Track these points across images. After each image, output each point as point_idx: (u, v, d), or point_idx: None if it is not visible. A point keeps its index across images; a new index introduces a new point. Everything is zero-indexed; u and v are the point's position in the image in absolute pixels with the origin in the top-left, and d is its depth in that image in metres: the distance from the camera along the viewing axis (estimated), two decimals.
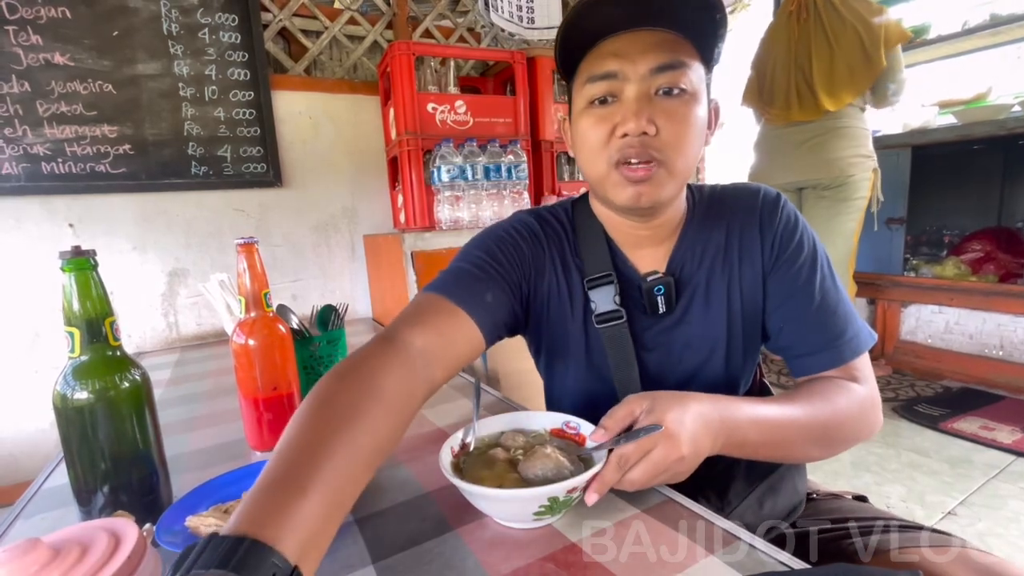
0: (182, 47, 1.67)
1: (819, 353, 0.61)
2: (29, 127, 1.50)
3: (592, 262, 0.65)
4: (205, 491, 0.56)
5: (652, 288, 0.62)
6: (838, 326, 0.60)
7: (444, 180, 1.66)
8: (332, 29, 1.96)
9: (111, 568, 0.31)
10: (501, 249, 0.64)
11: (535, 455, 0.50)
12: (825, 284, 0.62)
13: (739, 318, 0.64)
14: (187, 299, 1.77)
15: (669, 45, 0.54)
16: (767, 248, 0.63)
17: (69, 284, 0.51)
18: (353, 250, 2.05)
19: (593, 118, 0.58)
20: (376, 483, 0.61)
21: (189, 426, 0.85)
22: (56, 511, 0.60)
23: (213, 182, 1.76)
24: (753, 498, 0.64)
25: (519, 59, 1.86)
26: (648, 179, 0.56)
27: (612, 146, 0.56)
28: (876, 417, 0.60)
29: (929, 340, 2.35)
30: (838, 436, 0.58)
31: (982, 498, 1.41)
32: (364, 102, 2.01)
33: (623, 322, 0.63)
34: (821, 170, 1.98)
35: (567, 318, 0.66)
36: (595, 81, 0.56)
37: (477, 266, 0.62)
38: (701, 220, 0.66)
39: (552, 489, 0.44)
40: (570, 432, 0.58)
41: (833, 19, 1.89)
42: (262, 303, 0.71)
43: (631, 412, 0.49)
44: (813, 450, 0.58)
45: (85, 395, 0.51)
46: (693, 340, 0.64)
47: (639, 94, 0.54)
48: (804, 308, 0.61)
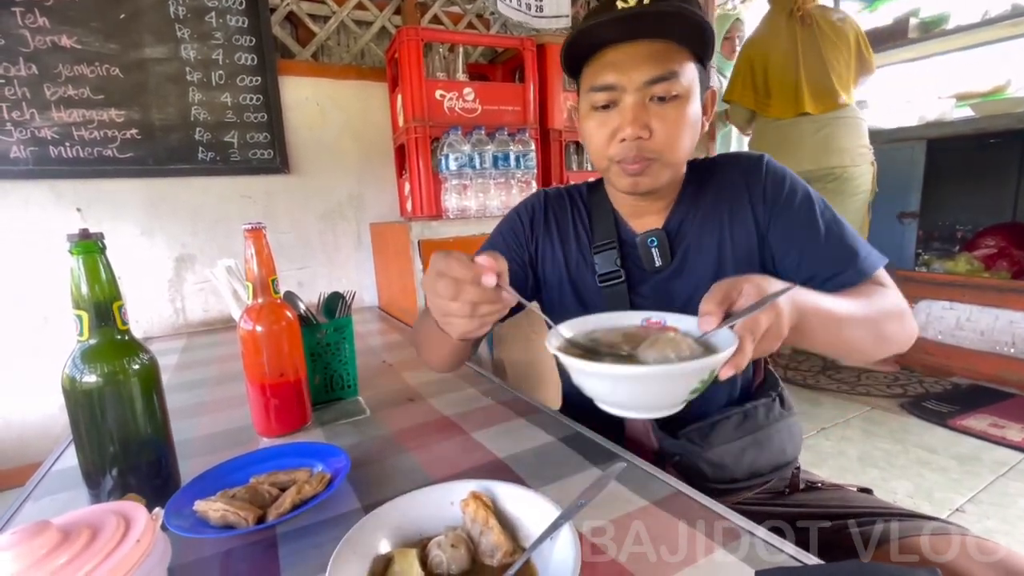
0: (189, 31, 1.66)
1: (843, 273, 0.65)
2: (37, 110, 1.50)
3: (599, 231, 0.76)
4: (213, 476, 0.56)
5: (646, 240, 0.71)
6: (851, 247, 0.66)
7: (452, 168, 1.65)
8: (340, 14, 1.94)
9: (121, 552, 0.30)
10: (507, 229, 0.81)
11: (659, 341, 0.47)
12: (827, 216, 0.68)
13: (731, 271, 0.69)
14: (194, 285, 1.78)
15: (663, 55, 0.61)
16: (758, 206, 0.69)
17: (77, 267, 0.51)
18: (359, 238, 2.05)
19: (596, 122, 0.66)
20: (383, 470, 0.61)
21: (197, 411, 0.85)
22: (65, 493, 0.60)
23: (220, 168, 1.76)
24: (737, 446, 0.68)
25: (528, 46, 1.84)
26: (643, 172, 0.64)
27: (613, 148, 0.65)
28: (912, 323, 0.65)
29: (939, 336, 2.33)
30: (887, 332, 0.62)
31: (991, 496, 1.40)
32: (372, 88, 1.99)
33: (622, 281, 0.72)
34: (833, 157, 2.03)
35: (563, 278, 0.77)
36: (596, 91, 0.64)
37: (493, 246, 0.81)
38: (695, 189, 0.73)
39: (715, 360, 0.42)
40: (655, 326, 0.55)
41: (834, 26, 2.05)
42: (269, 289, 0.71)
43: (728, 295, 0.47)
44: (864, 344, 0.61)
45: (94, 378, 0.50)
46: (688, 291, 0.71)
47: (635, 103, 0.62)
48: (814, 239, 0.66)
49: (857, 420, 1.89)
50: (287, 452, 0.61)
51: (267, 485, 0.54)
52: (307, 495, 0.51)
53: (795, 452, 0.74)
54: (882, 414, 1.93)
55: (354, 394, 0.88)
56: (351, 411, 0.81)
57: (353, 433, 0.73)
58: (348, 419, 0.78)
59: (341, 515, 0.52)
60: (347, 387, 0.87)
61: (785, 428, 0.72)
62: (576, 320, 0.56)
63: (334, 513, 0.52)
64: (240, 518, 0.48)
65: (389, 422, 0.76)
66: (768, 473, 0.70)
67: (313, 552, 0.47)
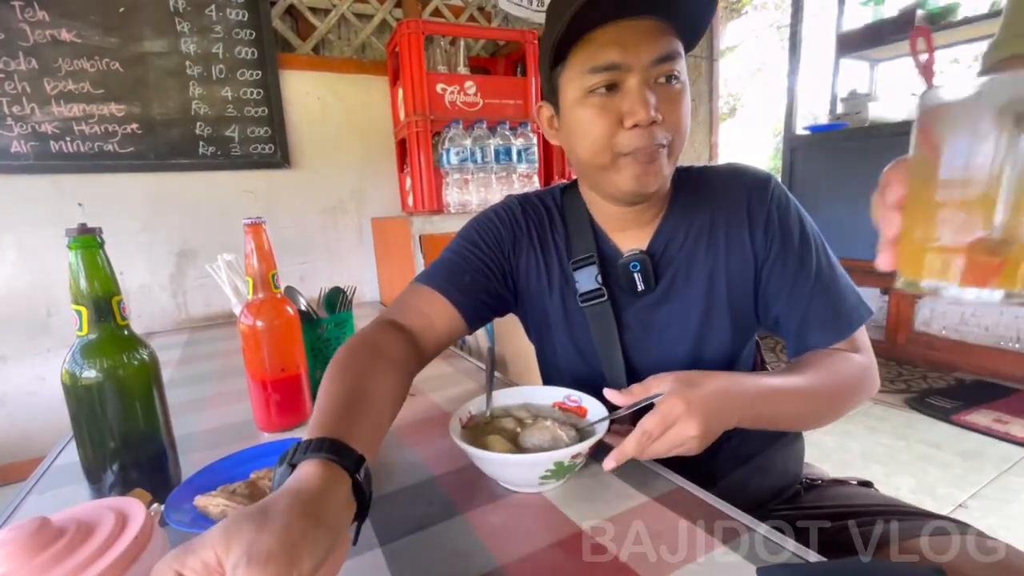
0: (189, 24, 1.65)
1: (820, 331, 0.62)
2: (37, 105, 1.49)
3: (577, 244, 0.68)
4: (214, 471, 0.55)
5: (627, 264, 0.64)
6: (835, 302, 0.62)
7: (453, 162, 1.64)
8: (340, 7, 1.92)
9: (117, 548, 0.30)
10: (480, 235, 0.70)
11: (535, 427, 0.55)
12: (820, 262, 0.63)
13: (724, 299, 0.65)
14: (196, 280, 1.78)
15: (664, 34, 0.55)
16: (759, 232, 0.64)
17: (76, 262, 0.50)
18: (361, 233, 2.04)
19: (595, 108, 0.56)
20: (384, 466, 0.61)
21: (198, 406, 0.86)
22: (67, 487, 0.60)
23: (221, 162, 1.75)
24: (739, 475, 0.66)
25: (530, 39, 1.82)
26: (655, 161, 0.57)
27: (621, 137, 0.56)
28: (874, 383, 0.63)
29: (944, 331, 2.31)
30: (843, 405, 0.61)
31: (994, 491, 1.39)
32: (373, 82, 1.98)
33: (605, 300, 0.65)
34: None
35: (545, 296, 0.70)
36: (597, 72, 0.55)
37: (458, 253, 0.69)
38: (686, 202, 0.67)
39: (556, 455, 0.48)
40: (571, 405, 0.62)
41: None
42: (270, 284, 0.71)
43: (647, 390, 0.50)
44: (820, 420, 0.61)
45: (93, 374, 0.50)
46: (675, 319, 0.66)
47: (643, 83, 0.55)
48: (803, 285, 0.62)
49: (860, 415, 1.88)
50: (288, 447, 0.61)
51: (268, 480, 0.54)
52: None
53: (798, 470, 0.71)
54: (885, 409, 1.92)
55: None
56: None
57: None
58: None
59: None
60: None
61: (787, 444, 0.70)
62: (499, 392, 0.64)
63: None
64: None
65: None
66: (770, 500, 0.67)
67: None
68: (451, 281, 0.66)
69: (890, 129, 2.32)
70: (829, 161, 2.50)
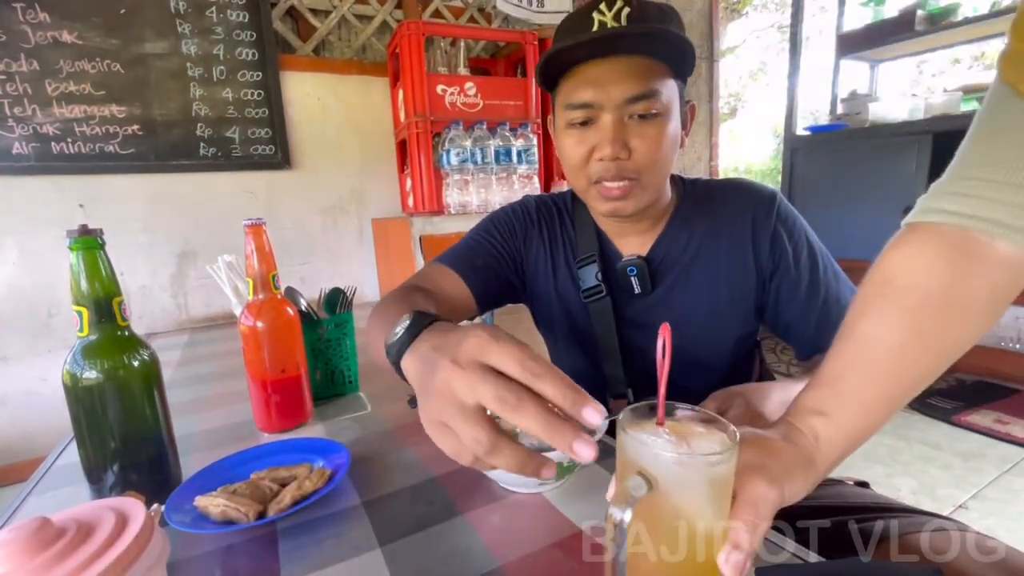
0: (190, 26, 1.65)
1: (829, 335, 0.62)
2: (39, 106, 1.50)
3: (582, 244, 0.73)
4: (214, 471, 0.56)
5: (625, 268, 0.68)
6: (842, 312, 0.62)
7: (453, 163, 1.64)
8: (341, 8, 1.93)
9: (117, 549, 0.30)
10: (496, 225, 0.76)
11: None
12: (828, 276, 0.66)
13: (725, 306, 0.68)
14: (196, 280, 1.78)
15: (643, 72, 0.58)
16: (764, 247, 0.66)
17: (77, 263, 0.50)
18: (361, 233, 2.04)
19: (573, 139, 0.63)
20: (383, 466, 0.61)
21: (198, 407, 0.86)
22: (68, 488, 0.60)
23: (222, 163, 1.76)
24: None
25: (530, 40, 1.83)
26: (624, 196, 0.62)
27: (591, 167, 0.62)
28: None
29: None
30: None
31: (995, 492, 1.39)
32: (373, 83, 1.98)
33: (604, 296, 0.70)
34: None
35: (551, 287, 0.75)
36: (573, 108, 0.61)
37: (474, 240, 0.76)
38: (689, 213, 0.70)
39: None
40: None
41: None
42: (270, 285, 0.71)
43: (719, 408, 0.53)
44: None
45: (94, 374, 0.50)
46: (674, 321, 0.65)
47: (614, 122, 0.59)
48: (813, 300, 0.65)
49: None
50: (288, 448, 0.61)
51: (268, 481, 0.54)
52: (308, 491, 0.51)
53: None
54: None
55: (355, 390, 0.88)
56: (352, 407, 0.81)
57: (354, 429, 0.73)
58: (349, 415, 0.78)
59: (341, 511, 0.52)
60: (348, 383, 0.87)
61: None
62: None
63: (334, 509, 0.52)
64: (240, 514, 0.48)
65: (390, 418, 0.76)
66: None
67: (313, 548, 0.47)
68: (465, 262, 0.72)
69: (890, 129, 2.32)
70: (829, 161, 2.50)
